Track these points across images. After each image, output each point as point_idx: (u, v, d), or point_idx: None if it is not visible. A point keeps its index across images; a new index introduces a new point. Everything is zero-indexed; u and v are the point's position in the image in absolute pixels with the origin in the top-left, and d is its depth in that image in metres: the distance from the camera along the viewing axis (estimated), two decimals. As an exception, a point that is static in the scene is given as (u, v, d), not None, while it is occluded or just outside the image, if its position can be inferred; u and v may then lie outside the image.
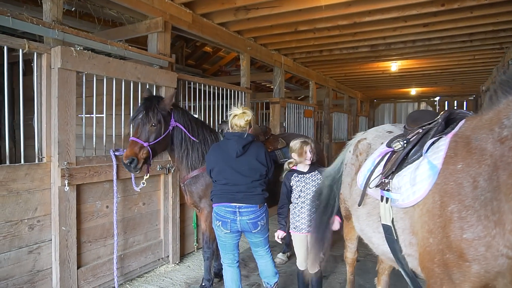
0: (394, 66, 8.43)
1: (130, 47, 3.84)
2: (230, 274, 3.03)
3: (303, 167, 3.14)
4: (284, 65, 7.50)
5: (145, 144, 3.14)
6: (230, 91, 5.69)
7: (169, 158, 3.96)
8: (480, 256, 1.43)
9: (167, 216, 4.32)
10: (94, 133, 3.52)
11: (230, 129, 2.99)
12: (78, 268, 3.31)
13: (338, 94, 13.03)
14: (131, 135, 3.24)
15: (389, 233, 1.90)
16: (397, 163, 1.92)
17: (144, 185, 3.55)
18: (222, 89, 5.50)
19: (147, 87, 3.87)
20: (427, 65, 8.71)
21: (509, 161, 1.37)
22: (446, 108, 16.01)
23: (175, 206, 4.39)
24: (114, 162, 3.52)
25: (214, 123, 5.36)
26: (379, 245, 2.06)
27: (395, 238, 1.88)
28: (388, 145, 2.15)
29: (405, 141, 1.98)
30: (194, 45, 9.34)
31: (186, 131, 3.43)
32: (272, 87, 12.04)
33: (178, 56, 8.81)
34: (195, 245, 4.82)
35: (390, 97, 16.06)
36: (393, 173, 1.93)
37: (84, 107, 3.48)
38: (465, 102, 15.52)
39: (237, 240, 3.01)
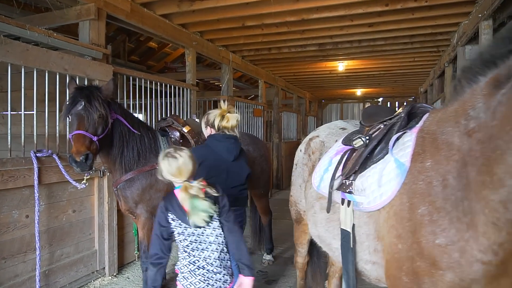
0: (341, 66, 8.57)
1: (55, 34, 3.39)
2: None
3: None
4: (232, 62, 7.28)
5: (94, 138, 2.74)
6: (174, 88, 5.35)
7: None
8: (454, 263, 1.30)
9: (102, 223, 3.90)
10: (9, 132, 3.04)
11: (213, 131, 2.76)
12: (-11, 290, 2.83)
13: (287, 94, 13.09)
14: (73, 130, 2.71)
15: (346, 239, 1.74)
16: (360, 162, 1.77)
17: (86, 185, 3.19)
18: (166, 86, 5.15)
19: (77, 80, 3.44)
20: (371, 66, 8.98)
21: (477, 156, 1.24)
22: (388, 109, 16.84)
23: (112, 212, 3.98)
24: (35, 165, 3.07)
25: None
26: (340, 254, 1.89)
27: (351, 246, 1.73)
28: (345, 143, 2.01)
29: (367, 138, 1.83)
30: (137, 40, 8.81)
31: (127, 124, 3.08)
32: (220, 85, 11.82)
33: (120, 50, 8.24)
34: (136, 253, 4.43)
35: (337, 98, 16.52)
36: (356, 173, 1.78)
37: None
38: (405, 103, 16.39)
39: None
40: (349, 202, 1.78)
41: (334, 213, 1.91)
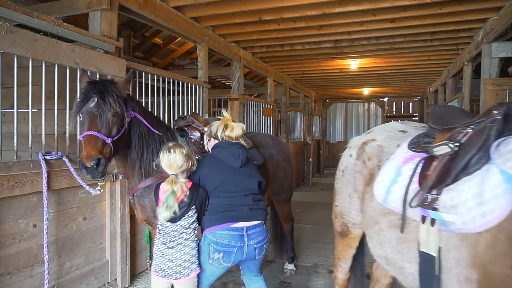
0: (354, 64, 8.27)
1: (65, 24, 3.07)
2: None
3: None
4: (243, 59, 6.97)
5: (108, 140, 2.39)
6: (186, 85, 5.02)
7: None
8: None
9: (114, 231, 3.60)
10: (15, 131, 2.72)
11: (216, 140, 2.63)
12: (-8, 310, 2.51)
13: (292, 93, 12.78)
14: (83, 131, 2.38)
15: (428, 265, 1.45)
16: (454, 173, 1.46)
17: (101, 192, 2.85)
18: (176, 84, 4.81)
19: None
20: (384, 64, 8.70)
21: None
22: (394, 108, 16.58)
23: (124, 219, 3.68)
24: (44, 169, 2.75)
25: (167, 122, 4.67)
26: (416, 280, 1.59)
27: (436, 273, 1.43)
28: (415, 149, 1.72)
29: (456, 144, 1.52)
30: (142, 36, 8.48)
31: (147, 123, 2.76)
32: (227, 83, 11.51)
33: (125, 46, 7.91)
34: (148, 262, 4.11)
35: (342, 97, 16.22)
36: (443, 186, 1.48)
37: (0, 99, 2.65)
38: (411, 103, 16.17)
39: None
40: (433, 220, 1.48)
41: (409, 232, 1.62)
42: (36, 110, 3.15)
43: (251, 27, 5.76)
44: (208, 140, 2.74)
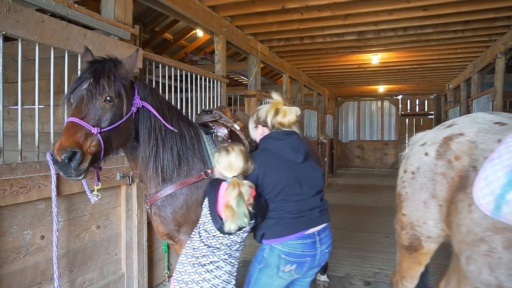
0: (375, 59, 7.85)
1: (76, 6, 2.70)
2: None
3: None
4: (260, 53, 6.58)
5: (94, 131, 1.90)
6: (204, 80, 4.63)
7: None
8: None
9: (130, 241, 3.22)
10: (19, 129, 2.35)
11: (267, 131, 2.20)
12: (-6, 337, 2.14)
13: (305, 91, 12.38)
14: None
15: None
16: None
17: (99, 198, 2.37)
18: (194, 79, 4.41)
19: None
20: (406, 59, 8.27)
21: None
22: (408, 106, 16.08)
23: (141, 227, 3.30)
24: (53, 171, 2.37)
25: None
26: None
27: None
28: None
29: None
30: (152, 30, 8.14)
31: (158, 115, 2.25)
32: (239, 80, 11.11)
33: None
34: (167, 273, 3.74)
35: (355, 95, 15.75)
36: None
37: (1, 93, 2.27)
38: (426, 101, 15.67)
39: None
40: None
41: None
42: (43, 106, 2.81)
43: (272, 17, 5.36)
44: (255, 127, 2.28)
